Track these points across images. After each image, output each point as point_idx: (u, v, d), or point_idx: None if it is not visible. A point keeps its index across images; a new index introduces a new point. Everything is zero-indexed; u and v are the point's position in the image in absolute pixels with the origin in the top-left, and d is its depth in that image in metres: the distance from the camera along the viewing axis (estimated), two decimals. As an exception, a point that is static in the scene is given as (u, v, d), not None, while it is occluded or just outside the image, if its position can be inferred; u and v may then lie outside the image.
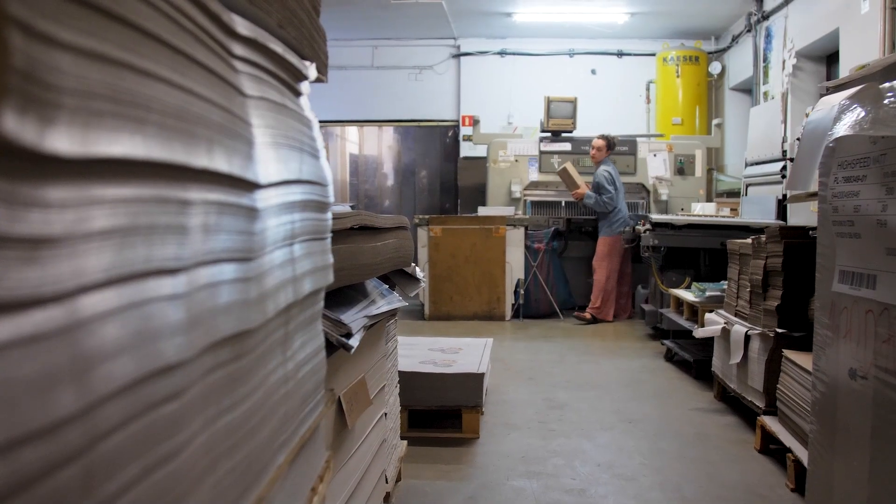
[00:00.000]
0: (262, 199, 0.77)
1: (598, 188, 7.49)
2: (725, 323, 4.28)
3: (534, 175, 8.55)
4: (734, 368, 4.08)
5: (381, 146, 11.66)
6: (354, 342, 1.55)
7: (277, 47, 0.89)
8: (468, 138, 9.47)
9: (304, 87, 1.06)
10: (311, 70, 1.06)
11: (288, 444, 0.91)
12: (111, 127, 0.46)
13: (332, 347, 1.64)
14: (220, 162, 0.64)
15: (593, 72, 10.28)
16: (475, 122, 9.15)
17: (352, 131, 11.62)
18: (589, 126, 9.16)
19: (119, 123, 0.47)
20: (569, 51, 10.28)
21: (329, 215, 1.09)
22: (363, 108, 10.90)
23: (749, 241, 4.06)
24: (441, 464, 3.43)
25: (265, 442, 0.82)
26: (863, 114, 1.58)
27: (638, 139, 8.68)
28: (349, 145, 11.78)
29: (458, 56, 10.66)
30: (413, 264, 2.87)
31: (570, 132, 8.64)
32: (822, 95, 1.95)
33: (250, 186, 0.73)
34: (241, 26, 0.77)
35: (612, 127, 9.31)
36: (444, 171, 11.12)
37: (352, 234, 1.71)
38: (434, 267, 7.63)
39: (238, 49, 0.76)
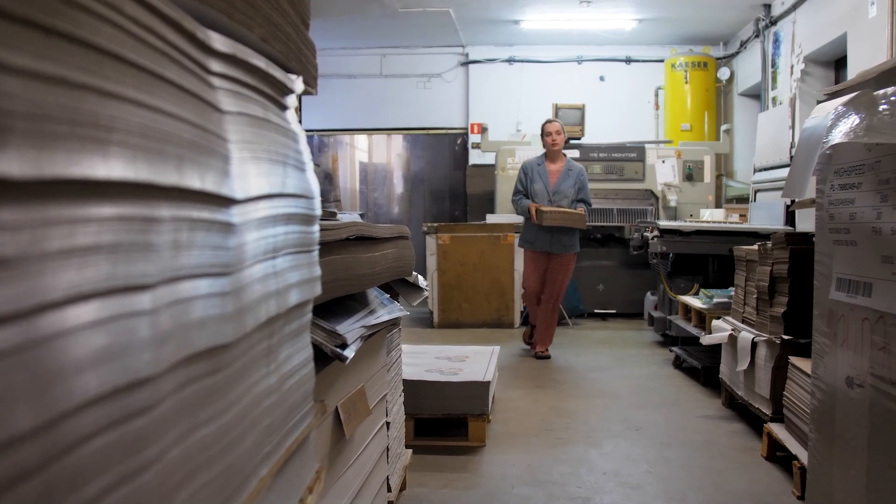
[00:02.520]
0: (240, 214, 0.78)
1: (584, 190, 6.23)
2: (732, 330, 4.27)
3: (542, 182, 8.55)
4: (741, 375, 4.07)
5: (391, 154, 11.68)
6: (350, 353, 1.56)
7: (260, 62, 0.90)
8: (477, 146, 9.48)
9: (291, 100, 1.06)
10: (298, 83, 1.07)
11: (272, 457, 0.92)
12: (69, 149, 0.47)
13: (329, 357, 1.65)
14: (191, 179, 0.64)
15: (602, 78, 10.28)
16: (483, 130, 9.16)
17: (361, 139, 11.65)
18: (598, 133, 9.16)
19: (78, 145, 0.48)
20: (577, 57, 10.29)
21: (316, 228, 1.10)
22: (372, 116, 10.93)
23: (755, 247, 4.04)
24: (447, 472, 3.43)
25: (246, 454, 0.82)
26: (857, 121, 1.57)
27: (646, 146, 8.67)
28: (359, 153, 11.81)
29: (466, 64, 10.68)
30: (415, 273, 2.87)
31: (579, 139, 8.64)
32: (818, 102, 1.95)
33: (226, 202, 0.74)
34: (219, 43, 0.77)
35: (621, 133, 9.33)
36: (453, 179, 11.13)
37: (348, 244, 1.72)
38: (442, 275, 7.64)
39: (215, 65, 0.77)
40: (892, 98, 1.46)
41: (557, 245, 6.07)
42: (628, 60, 10.25)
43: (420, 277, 3.03)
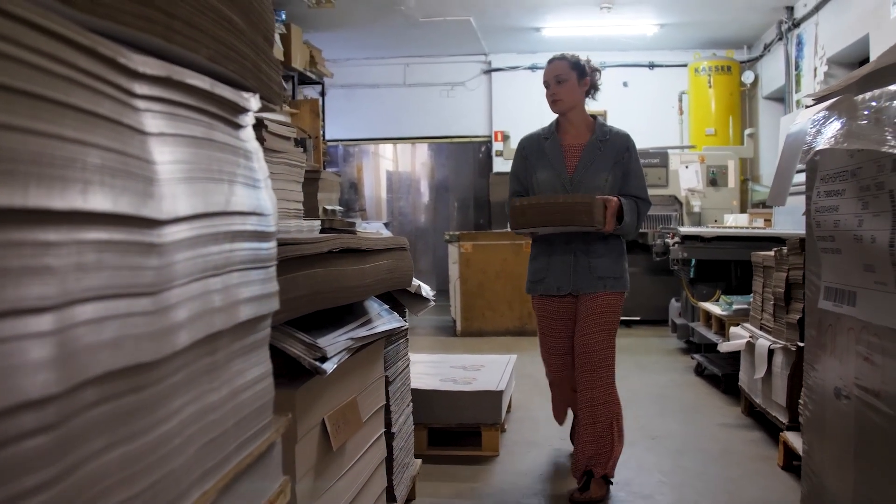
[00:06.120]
0: (167, 234, 0.79)
1: (634, 175, 3.37)
2: (750, 337, 4.22)
3: (564, 189, 8.52)
4: (759, 383, 4.02)
5: (415, 163, 11.74)
6: (329, 366, 1.56)
7: (202, 83, 0.92)
8: (500, 154, 9.48)
9: (246, 118, 1.08)
10: (254, 101, 1.08)
11: (218, 471, 0.93)
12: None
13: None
14: (98, 202, 0.66)
15: (625, 84, 10.22)
16: (506, 138, 9.16)
17: (387, 148, 11.72)
18: (621, 139, 9.08)
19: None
20: (600, 64, 10.17)
21: (272, 244, 1.11)
22: (396, 125, 10.98)
23: (772, 253, 4.00)
24: (458, 482, 3.42)
25: (182, 469, 0.83)
26: (839, 126, 1.55)
27: (669, 151, 8.61)
28: (384, 162, 11.89)
29: (489, 72, 10.69)
30: (419, 283, 2.88)
31: (601, 145, 8.59)
32: (806, 106, 1.93)
33: (148, 223, 0.75)
34: (147, 65, 0.79)
35: (645, 139, 9.23)
36: (477, 187, 11.14)
37: (332, 257, 1.73)
38: (465, 283, 7.63)
39: (142, 88, 0.78)
40: (873, 103, 1.44)
41: (587, 278, 3.30)
42: (651, 66, 10.19)
43: (426, 287, 3.04)
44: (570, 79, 3.34)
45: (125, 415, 0.72)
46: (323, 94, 9.46)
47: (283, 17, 7.64)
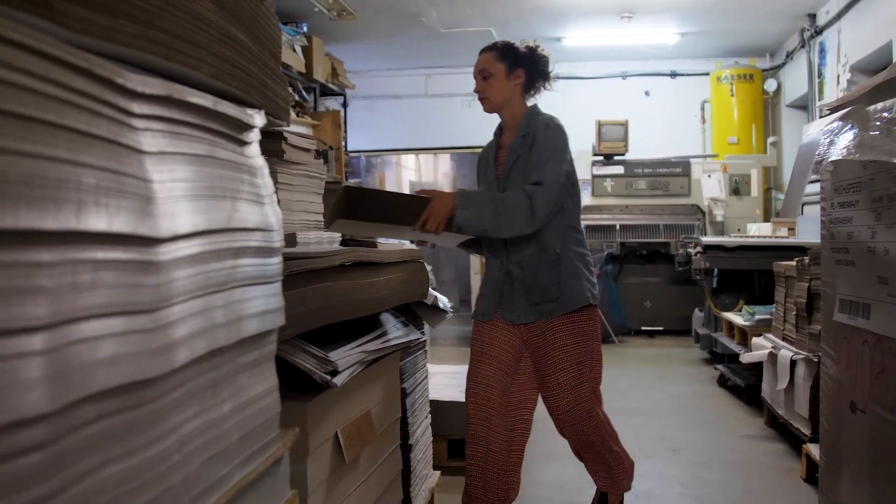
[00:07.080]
0: (166, 251, 0.80)
1: (542, 162, 2.75)
2: (772, 347, 4.17)
3: (586, 199, 8.49)
4: (782, 394, 3.98)
5: (438, 173, 11.77)
6: (340, 379, 1.57)
7: (204, 101, 0.92)
8: (521, 164, 9.46)
9: (251, 135, 1.08)
10: (258, 118, 1.09)
11: (221, 486, 0.93)
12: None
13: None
14: (93, 222, 0.67)
15: (647, 93, 10.17)
16: (526, 148, 9.14)
17: (409, 159, 11.76)
18: (644, 148, 9.06)
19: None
20: (621, 73, 10.21)
21: (276, 259, 1.12)
22: (419, 135, 11.00)
23: (794, 262, 3.96)
24: (477, 494, 3.40)
25: (182, 485, 0.84)
26: (851, 137, 1.54)
27: (691, 160, 8.57)
28: (407, 172, 11.93)
29: (510, 82, 10.69)
30: (436, 294, 2.88)
31: (622, 155, 8.61)
32: (821, 116, 1.91)
33: (146, 241, 0.76)
34: (146, 85, 0.80)
35: (667, 148, 9.20)
36: (499, 197, 11.11)
37: (343, 270, 1.74)
38: (486, 293, 7.61)
39: (141, 107, 0.79)
40: (885, 113, 1.42)
41: (520, 304, 2.67)
42: (673, 74, 10.14)
43: (443, 299, 3.04)
44: (497, 72, 2.81)
45: (123, 431, 0.73)
46: (345, 105, 9.51)
47: (305, 29, 7.68)
